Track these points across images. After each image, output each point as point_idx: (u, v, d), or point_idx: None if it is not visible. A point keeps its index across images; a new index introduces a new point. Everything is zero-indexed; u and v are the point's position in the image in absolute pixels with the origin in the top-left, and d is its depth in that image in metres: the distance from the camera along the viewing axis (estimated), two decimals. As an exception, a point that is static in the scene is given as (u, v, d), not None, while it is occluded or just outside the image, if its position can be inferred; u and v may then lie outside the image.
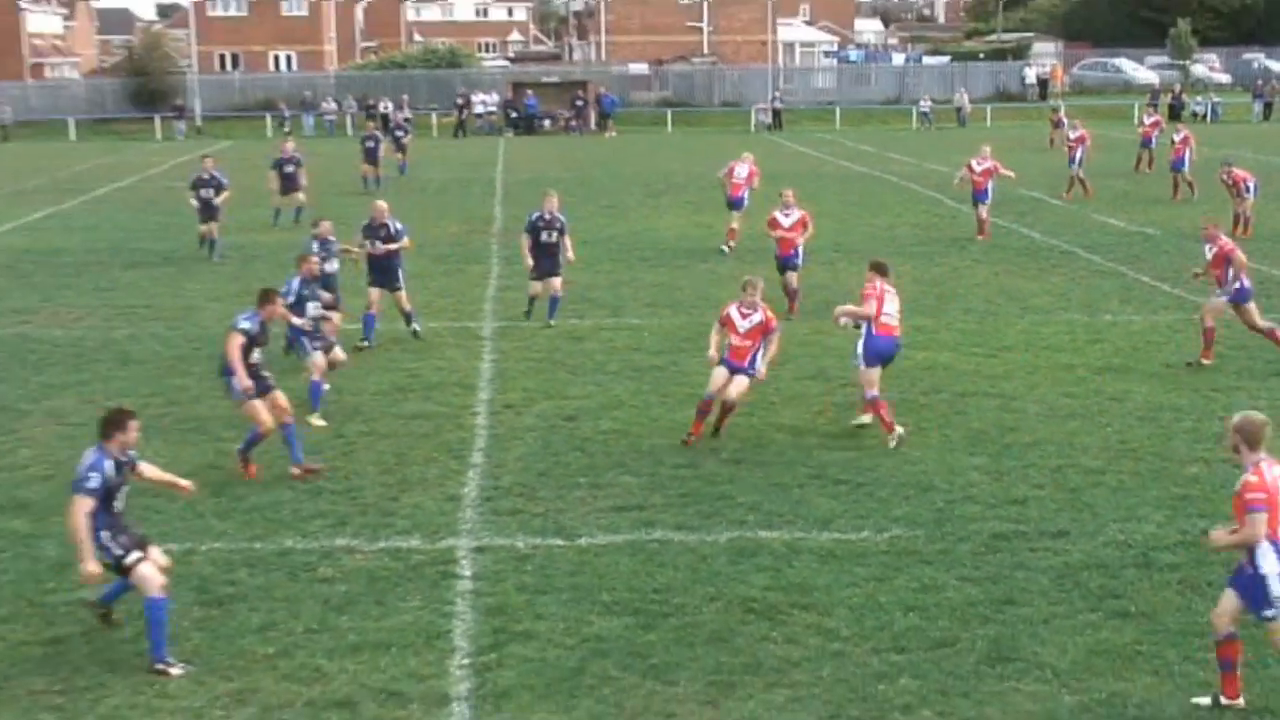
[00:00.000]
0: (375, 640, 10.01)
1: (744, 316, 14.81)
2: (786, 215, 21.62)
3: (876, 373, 14.51)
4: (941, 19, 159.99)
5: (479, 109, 70.95)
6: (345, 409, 16.24)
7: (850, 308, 14.95)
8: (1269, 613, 8.60)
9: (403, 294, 19.74)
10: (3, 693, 9.29)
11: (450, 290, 24.17)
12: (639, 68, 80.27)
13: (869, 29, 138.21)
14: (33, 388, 17.45)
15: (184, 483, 10.71)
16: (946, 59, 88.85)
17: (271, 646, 9.95)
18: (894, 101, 78.82)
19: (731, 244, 27.94)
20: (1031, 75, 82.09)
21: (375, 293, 19.57)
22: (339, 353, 16.23)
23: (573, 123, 68.84)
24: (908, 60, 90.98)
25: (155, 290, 24.33)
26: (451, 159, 52.53)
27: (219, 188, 27.71)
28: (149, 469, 10.34)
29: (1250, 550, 8.55)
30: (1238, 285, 17.81)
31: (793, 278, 21.51)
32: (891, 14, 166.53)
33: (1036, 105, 76.49)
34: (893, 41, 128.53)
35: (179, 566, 11.40)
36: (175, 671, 9.51)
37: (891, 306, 14.67)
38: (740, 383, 14.74)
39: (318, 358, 15.76)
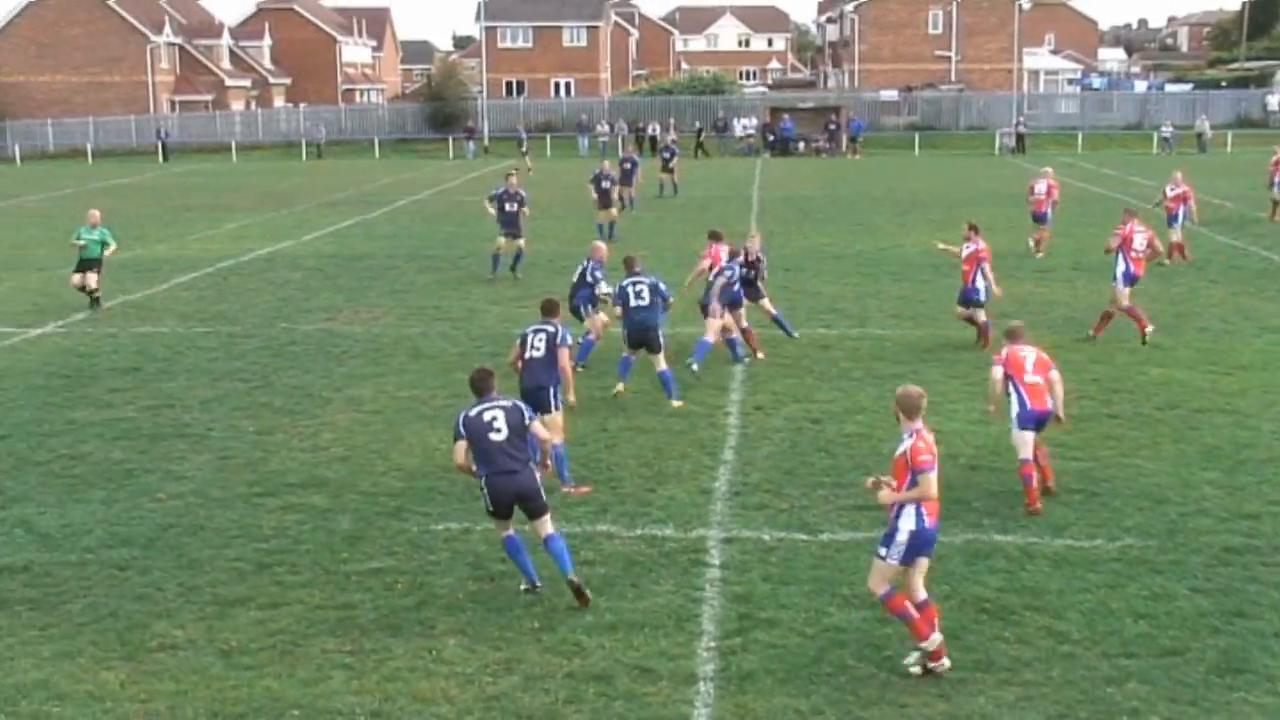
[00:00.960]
0: (630, 620, 10.05)
1: (1023, 358, 12.48)
2: (965, 247, 19.27)
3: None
4: (1184, 47, 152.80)
5: (739, 131, 71.08)
6: (610, 406, 16.42)
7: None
8: (881, 551, 9.14)
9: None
10: (299, 650, 9.68)
11: (707, 299, 24.15)
12: (889, 94, 79.17)
13: (1112, 58, 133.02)
14: (335, 378, 18.20)
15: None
16: (1189, 86, 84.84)
17: (536, 621, 10.10)
18: (1135, 127, 75.65)
19: (1039, 250, 28.55)
20: (1274, 102, 77.66)
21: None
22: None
23: (824, 145, 68.29)
24: (1150, 87, 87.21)
25: (444, 293, 25.09)
26: (713, 178, 52.73)
27: (521, 202, 26.54)
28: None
29: (899, 507, 9.11)
30: None
31: (976, 313, 19.19)
32: (1134, 43, 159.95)
33: (1278, 132, 72.33)
34: (1135, 70, 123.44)
35: (457, 544, 11.72)
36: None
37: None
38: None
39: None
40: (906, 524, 9.14)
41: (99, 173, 63.89)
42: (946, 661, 9.16)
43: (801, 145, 68.82)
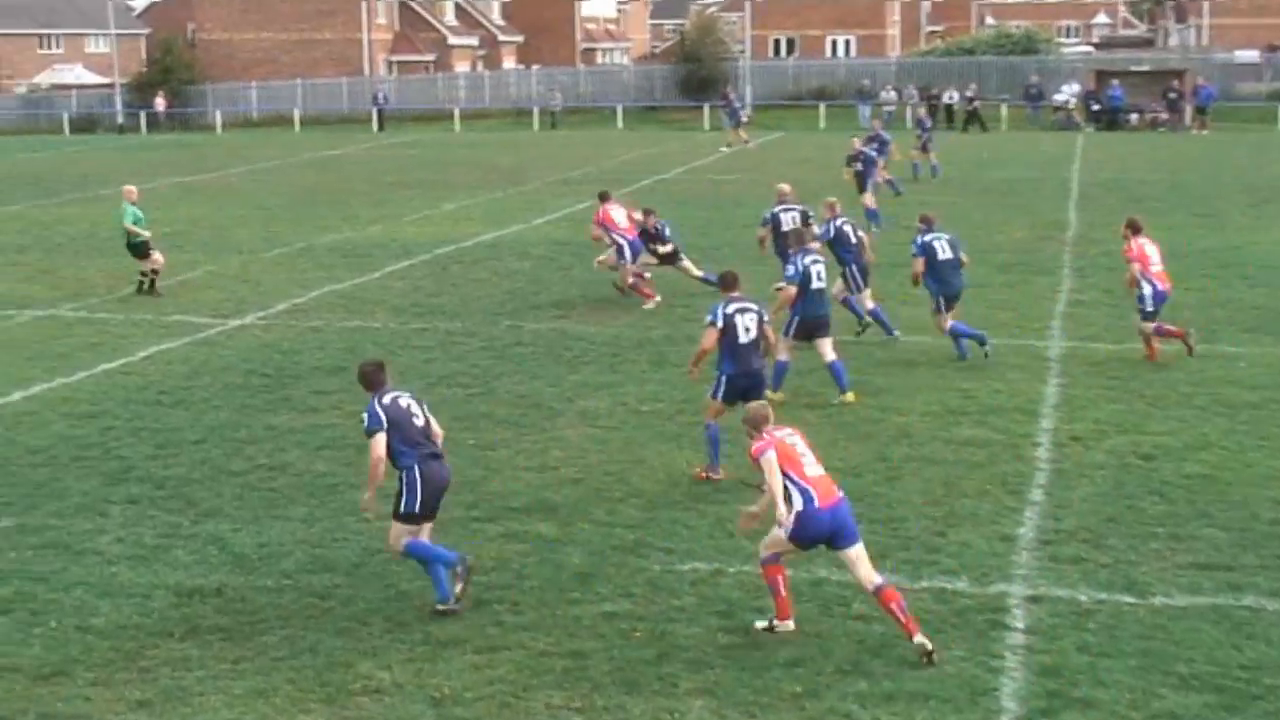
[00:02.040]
0: (912, 689, 9.93)
1: None
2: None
3: None
4: None
5: (1057, 100, 69.46)
6: (891, 430, 16.27)
7: None
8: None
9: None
10: (520, 703, 9.89)
11: (1013, 303, 23.74)
12: (1247, 54, 76.09)
13: None
14: (566, 386, 18.55)
15: None
16: None
17: (798, 684, 10.07)
18: None
19: None
20: None
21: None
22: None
23: (1163, 117, 66.14)
24: None
25: (693, 290, 25.27)
26: (1020, 156, 51.71)
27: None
28: None
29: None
30: None
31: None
32: None
33: None
34: None
35: (704, 588, 11.79)
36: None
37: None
38: None
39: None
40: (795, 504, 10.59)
41: (306, 142, 66.87)
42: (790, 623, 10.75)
43: (1134, 117, 66.82)
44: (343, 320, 23.34)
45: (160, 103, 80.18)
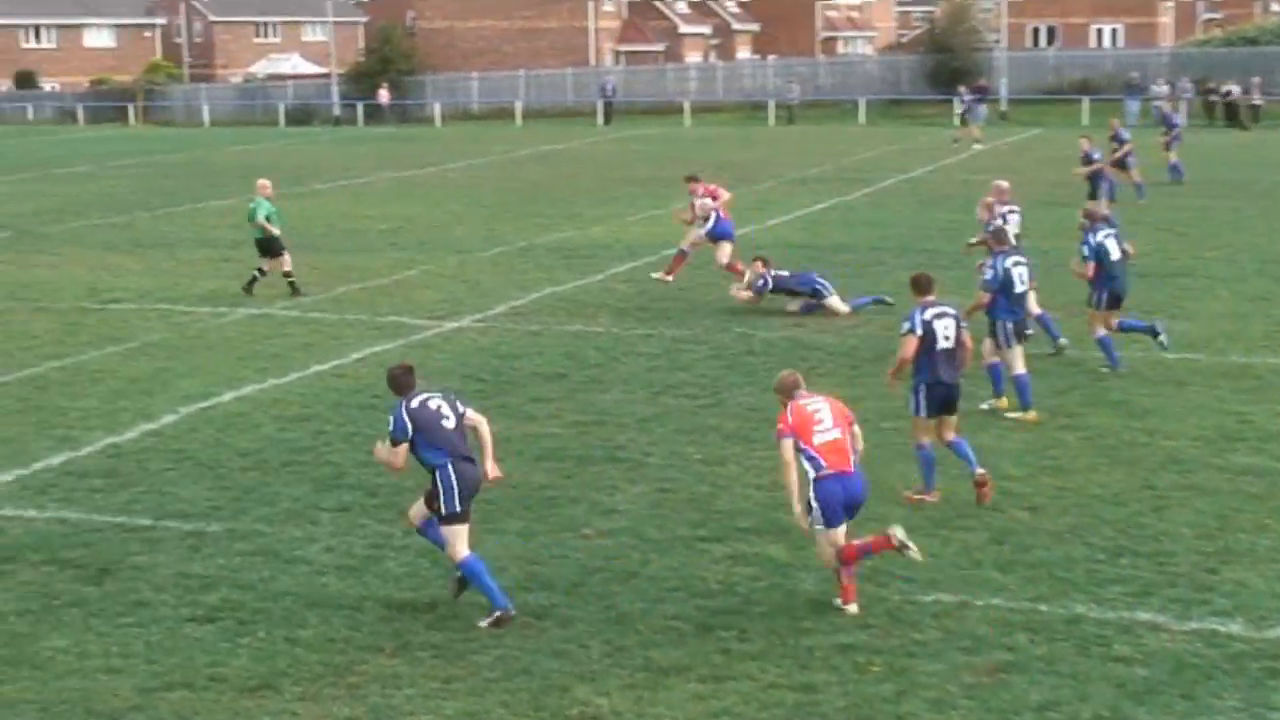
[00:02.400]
0: (1178, 742, 9.62)
1: None
2: None
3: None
4: None
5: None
6: (1158, 455, 15.84)
7: None
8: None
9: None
10: (750, 736, 9.85)
11: (1299, 319, 22.91)
12: None
13: None
14: (802, 399, 18.50)
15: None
16: None
17: (1051, 730, 9.85)
18: None
19: None
20: None
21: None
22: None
23: None
24: None
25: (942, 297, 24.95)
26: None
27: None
28: None
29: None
30: None
31: None
32: None
33: None
34: None
35: (948, 621, 11.62)
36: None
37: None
38: None
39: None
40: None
41: (528, 136, 68.03)
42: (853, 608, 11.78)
43: None
44: (563, 324, 23.63)
45: (384, 94, 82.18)
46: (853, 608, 11.78)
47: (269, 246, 26.37)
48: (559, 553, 13.30)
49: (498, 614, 11.66)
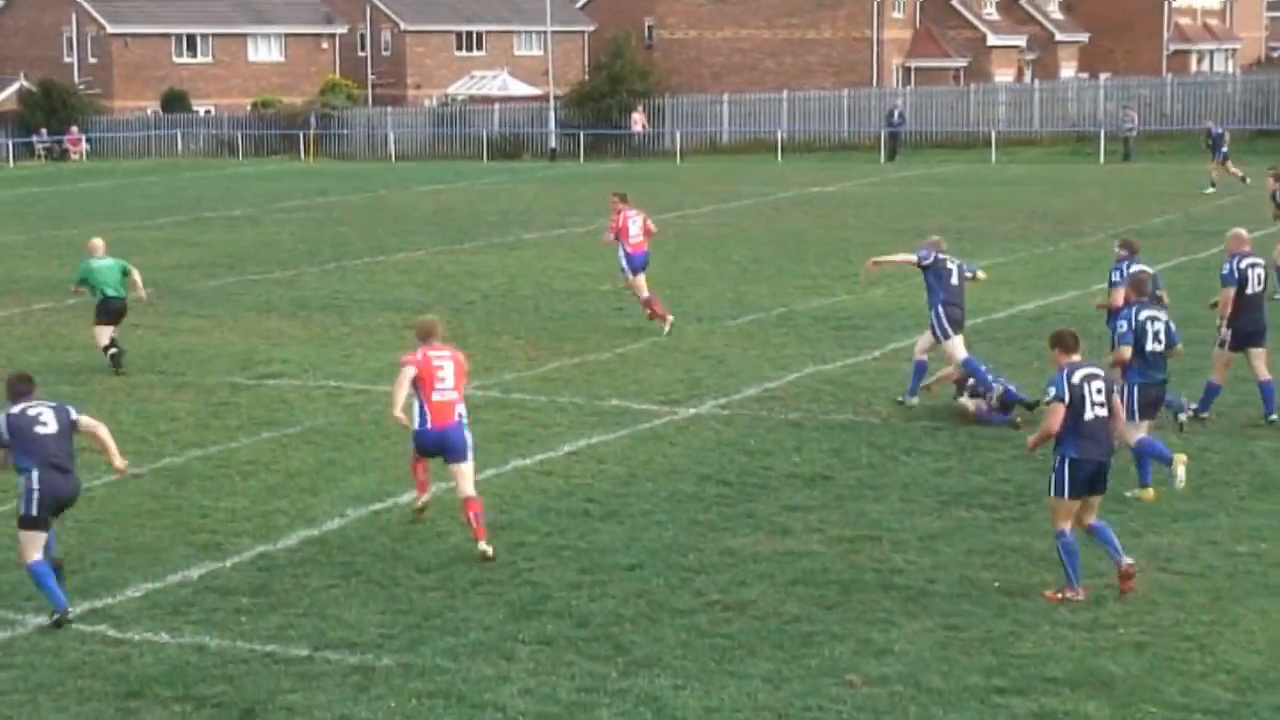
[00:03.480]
0: None
1: None
2: None
3: None
4: None
5: None
6: None
7: None
8: None
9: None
10: None
11: None
12: None
13: None
14: (1129, 514, 18.17)
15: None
16: None
17: None
18: None
19: None
20: None
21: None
22: None
23: None
24: None
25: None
26: None
27: None
28: None
29: None
30: None
31: None
32: None
33: None
34: None
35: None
36: None
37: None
38: None
39: None
40: None
41: (791, 174, 68.27)
42: None
43: None
44: (829, 412, 23.61)
45: (638, 121, 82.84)
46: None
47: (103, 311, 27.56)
48: (816, 704, 13.23)
49: (56, 615, 15.22)
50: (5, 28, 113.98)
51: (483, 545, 16.97)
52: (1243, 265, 22.38)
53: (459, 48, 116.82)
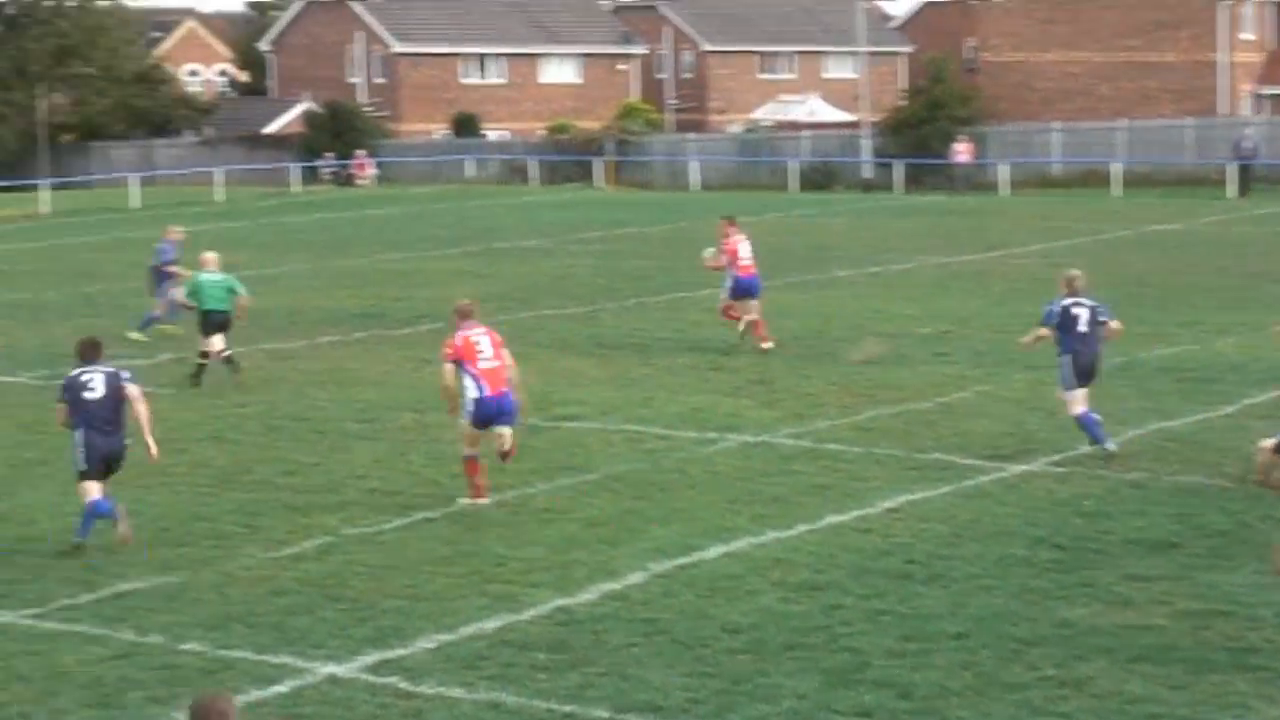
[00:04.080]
0: None
1: None
2: None
3: None
4: None
5: None
6: None
7: None
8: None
9: None
10: None
11: None
12: None
13: None
14: None
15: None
16: None
17: None
18: None
19: None
20: None
21: None
22: None
23: None
24: None
25: None
26: None
27: None
28: None
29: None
30: None
31: None
32: None
33: None
34: None
35: None
36: None
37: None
38: None
39: None
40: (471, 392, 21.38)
41: (1130, 210, 67.21)
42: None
43: None
44: (1175, 474, 23.28)
45: (962, 150, 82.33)
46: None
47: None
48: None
49: (75, 541, 19.79)
50: (289, 46, 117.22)
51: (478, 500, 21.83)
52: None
53: (763, 70, 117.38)
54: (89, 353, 20.42)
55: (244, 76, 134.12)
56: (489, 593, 18.17)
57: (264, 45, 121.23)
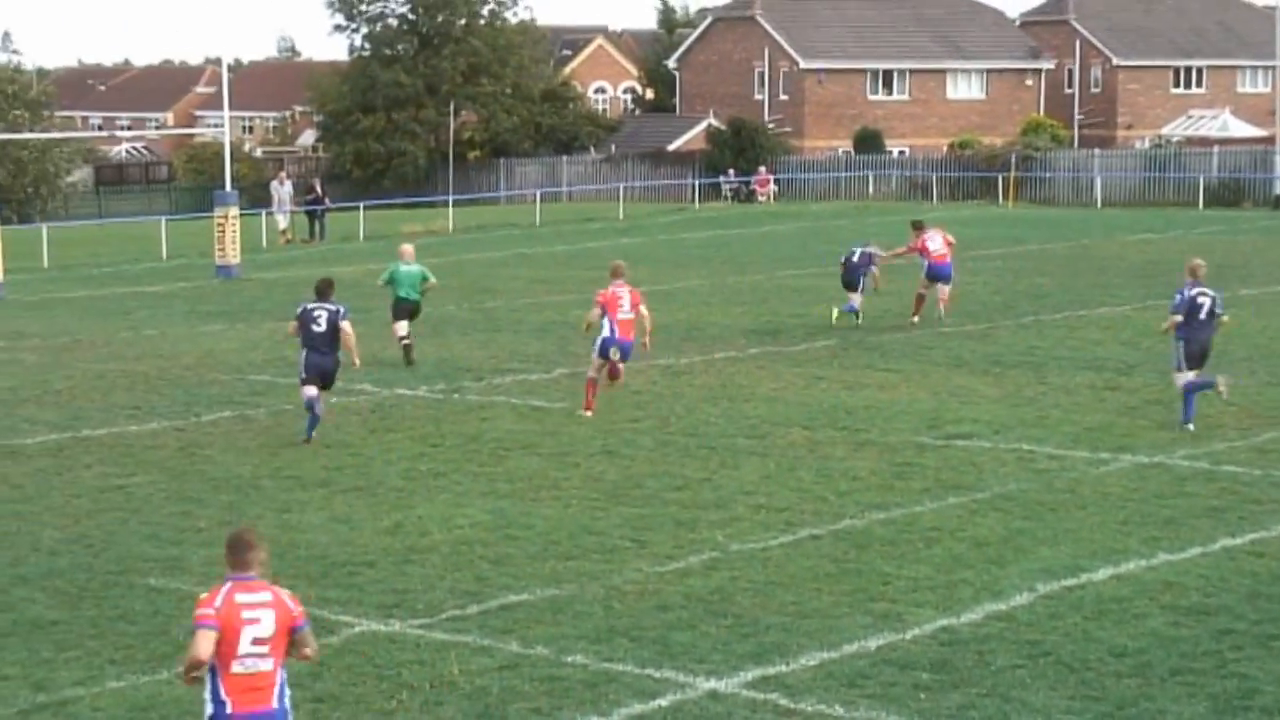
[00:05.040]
0: None
1: None
2: None
3: None
4: None
5: None
6: None
7: None
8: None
9: None
10: None
11: None
12: None
13: None
14: None
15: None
16: None
17: None
18: None
19: None
20: None
21: None
22: None
23: None
24: None
25: None
26: None
27: None
28: None
29: None
30: None
31: None
32: None
33: None
34: None
35: None
36: None
37: None
38: None
39: None
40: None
41: None
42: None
43: None
44: None
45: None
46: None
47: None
48: None
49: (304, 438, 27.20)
50: (695, 63, 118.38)
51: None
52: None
53: (1176, 84, 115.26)
54: (325, 288, 27.49)
55: (650, 94, 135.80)
56: (873, 611, 18.19)
57: (671, 62, 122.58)
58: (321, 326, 26.69)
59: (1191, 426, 26.79)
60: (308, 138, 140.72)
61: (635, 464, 25.56)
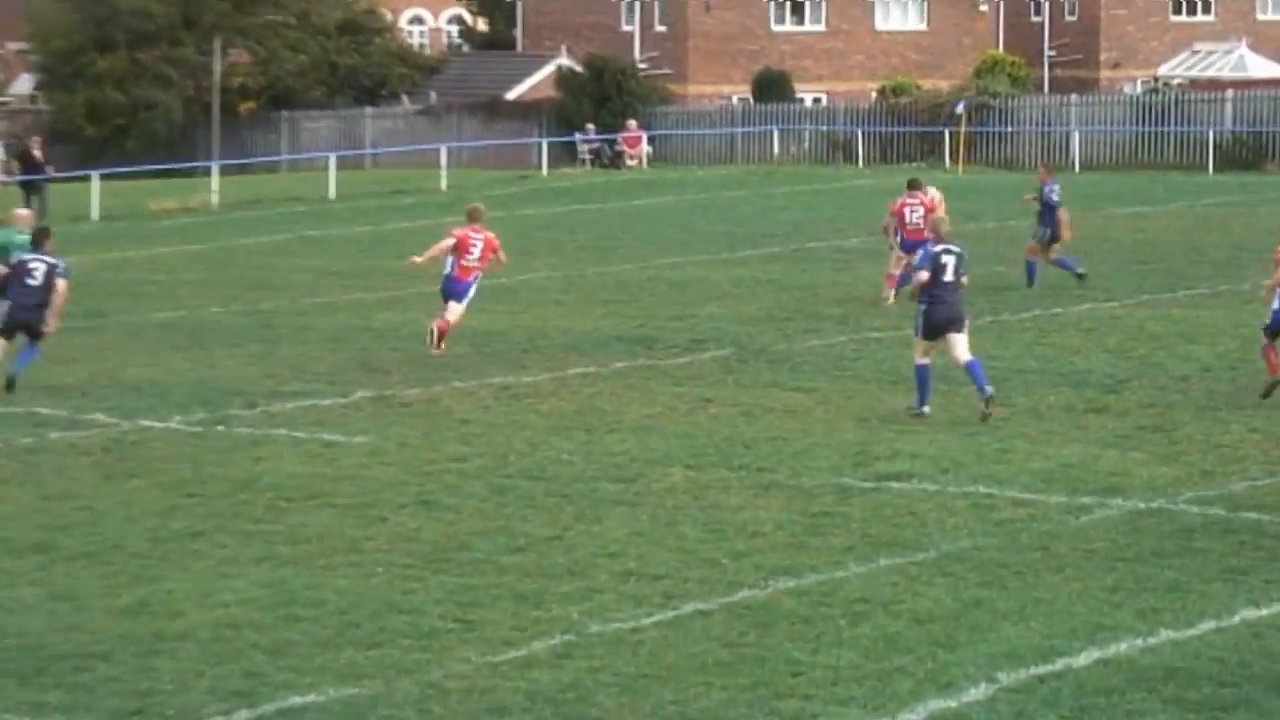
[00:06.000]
0: None
1: None
2: None
3: None
4: None
5: None
6: None
7: None
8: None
9: None
10: None
11: None
12: None
13: None
14: None
15: None
16: None
17: None
18: None
19: None
20: None
21: None
22: None
23: None
24: None
25: None
26: None
27: None
28: None
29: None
30: None
31: None
32: None
33: None
34: None
35: None
36: None
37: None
38: None
39: None
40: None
41: None
42: None
43: None
44: None
45: None
46: None
47: None
48: None
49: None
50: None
51: None
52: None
53: (1177, 10, 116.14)
54: (41, 240, 32.26)
55: (482, 25, 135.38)
56: (780, 712, 18.00)
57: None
58: (37, 280, 30.67)
59: (926, 409, 30.16)
60: (23, 84, 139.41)
61: (461, 518, 25.36)
